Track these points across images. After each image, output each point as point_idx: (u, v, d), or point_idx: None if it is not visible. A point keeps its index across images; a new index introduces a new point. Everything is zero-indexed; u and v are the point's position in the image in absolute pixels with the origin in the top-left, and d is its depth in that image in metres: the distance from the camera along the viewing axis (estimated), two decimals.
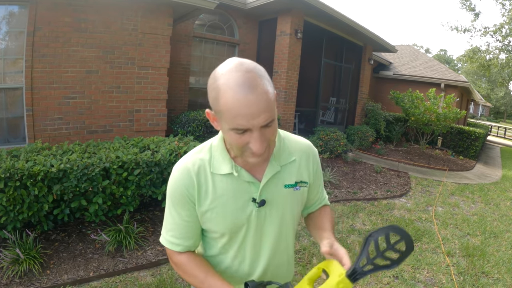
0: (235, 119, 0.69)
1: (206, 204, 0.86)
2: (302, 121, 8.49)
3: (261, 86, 0.70)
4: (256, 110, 0.69)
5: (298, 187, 0.92)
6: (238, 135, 0.73)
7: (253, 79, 0.69)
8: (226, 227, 0.88)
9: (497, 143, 16.80)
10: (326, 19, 7.10)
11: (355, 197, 4.71)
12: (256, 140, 0.72)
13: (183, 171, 0.87)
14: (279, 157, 0.90)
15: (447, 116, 8.09)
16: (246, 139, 0.73)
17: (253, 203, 0.87)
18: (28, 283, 2.22)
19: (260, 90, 0.69)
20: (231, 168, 0.85)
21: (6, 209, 2.40)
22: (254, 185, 0.87)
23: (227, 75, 0.70)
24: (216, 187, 0.86)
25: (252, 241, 0.91)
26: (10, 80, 3.71)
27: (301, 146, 0.97)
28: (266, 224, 0.90)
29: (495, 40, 13.53)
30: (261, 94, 0.69)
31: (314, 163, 0.98)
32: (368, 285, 2.63)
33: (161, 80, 4.66)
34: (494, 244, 3.65)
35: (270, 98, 0.71)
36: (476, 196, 5.62)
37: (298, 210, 0.97)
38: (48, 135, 3.88)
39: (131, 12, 4.29)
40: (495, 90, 40.90)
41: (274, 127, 0.77)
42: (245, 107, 0.68)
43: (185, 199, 0.86)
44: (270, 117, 0.72)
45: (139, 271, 2.53)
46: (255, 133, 0.72)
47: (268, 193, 0.88)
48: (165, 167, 3.05)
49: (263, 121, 0.71)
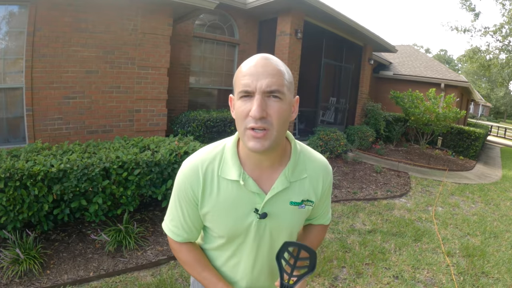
0: (243, 79, 0.74)
1: (208, 206, 0.87)
2: (302, 121, 8.50)
3: (275, 63, 0.77)
4: (263, 70, 0.74)
5: (303, 205, 0.91)
6: (243, 102, 0.75)
7: (269, 58, 0.77)
8: (225, 231, 0.89)
9: (497, 143, 16.80)
10: (326, 19, 7.10)
11: (355, 197, 4.71)
12: (255, 104, 0.73)
13: (192, 169, 0.87)
14: (292, 172, 0.88)
15: (447, 116, 8.09)
16: (249, 107, 0.74)
17: (255, 213, 0.86)
18: (28, 283, 2.22)
19: (272, 63, 0.76)
20: (239, 175, 0.84)
21: (6, 209, 2.40)
22: (259, 196, 0.86)
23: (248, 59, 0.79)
24: (221, 191, 0.86)
25: (249, 248, 0.92)
26: (10, 80, 3.71)
27: (316, 164, 0.94)
28: (265, 236, 0.90)
29: (495, 40, 13.54)
30: (272, 65, 0.76)
31: (325, 184, 0.95)
32: (368, 285, 2.63)
33: (161, 80, 4.66)
34: (494, 244, 3.65)
35: (283, 73, 0.77)
36: (476, 196, 5.62)
37: (299, 226, 0.96)
38: (48, 135, 3.88)
39: (131, 12, 4.29)
40: (495, 90, 40.88)
41: (279, 106, 0.75)
42: (254, 67, 0.75)
43: (189, 197, 0.88)
44: (274, 84, 0.74)
45: (139, 271, 2.53)
46: (257, 97, 0.73)
47: (272, 207, 0.87)
48: (165, 167, 3.05)
49: (265, 85, 0.73)
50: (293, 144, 0.91)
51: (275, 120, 0.75)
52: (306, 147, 0.97)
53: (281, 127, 0.77)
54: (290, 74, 0.80)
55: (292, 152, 0.89)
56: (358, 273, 2.77)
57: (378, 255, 3.10)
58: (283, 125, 0.78)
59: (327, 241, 3.28)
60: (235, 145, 0.88)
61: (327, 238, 3.36)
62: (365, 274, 2.78)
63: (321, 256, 2.97)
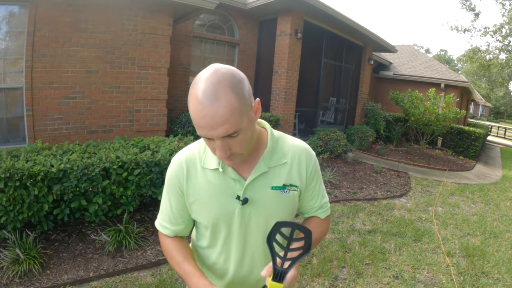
0: (198, 129, 0.74)
1: (193, 195, 0.92)
2: (302, 121, 8.50)
3: (224, 98, 0.69)
4: (213, 122, 0.70)
5: (286, 190, 0.91)
6: (208, 140, 0.78)
7: (217, 90, 0.69)
8: (209, 220, 0.92)
9: (497, 143, 16.80)
10: (326, 19, 7.10)
11: (355, 197, 4.71)
12: (218, 149, 0.76)
13: (178, 162, 0.94)
14: (270, 158, 0.90)
15: (446, 116, 8.09)
16: (213, 145, 0.78)
17: (237, 200, 0.89)
18: (28, 283, 2.22)
19: (222, 102, 0.69)
20: (218, 163, 0.88)
21: (6, 209, 2.40)
22: (239, 182, 0.89)
23: (197, 84, 0.71)
24: (204, 180, 0.90)
25: (236, 239, 0.94)
26: (10, 80, 3.71)
27: (296, 149, 0.95)
28: (251, 224, 0.92)
29: (495, 40, 13.53)
30: (222, 106, 0.69)
31: (309, 167, 0.95)
32: (368, 285, 2.63)
33: (161, 80, 4.66)
34: (494, 244, 3.65)
35: (235, 109, 0.70)
36: (476, 196, 5.62)
37: (288, 214, 0.94)
38: (48, 135, 3.88)
39: (131, 12, 4.29)
40: (495, 90, 40.88)
41: (242, 138, 0.76)
42: (203, 119, 0.70)
43: (176, 188, 0.93)
44: (231, 129, 0.72)
45: (139, 271, 2.53)
46: (217, 142, 0.75)
47: (253, 192, 0.89)
48: (165, 167, 3.04)
49: (222, 133, 0.72)
50: (269, 132, 0.93)
51: (240, 149, 0.79)
52: (286, 135, 0.99)
53: (247, 147, 0.81)
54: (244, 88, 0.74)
55: (269, 139, 0.92)
56: (358, 273, 2.77)
57: (378, 255, 3.10)
58: (249, 144, 0.82)
59: (327, 241, 3.28)
60: None
61: (327, 238, 3.36)
62: (365, 274, 2.78)
63: (321, 256, 2.97)
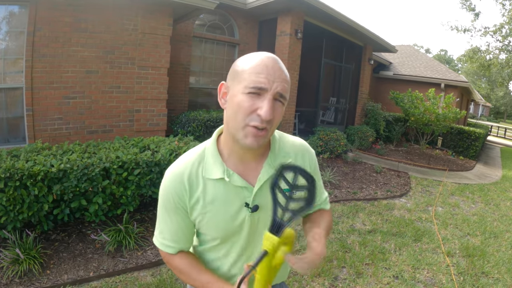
0: (258, 76, 0.72)
1: (198, 210, 0.85)
2: (302, 121, 8.50)
3: (284, 68, 0.78)
4: (277, 75, 0.74)
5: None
6: (250, 98, 0.73)
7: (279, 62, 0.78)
8: (218, 233, 0.88)
9: (497, 143, 16.79)
10: (326, 19, 7.10)
11: (355, 197, 4.71)
12: (267, 105, 0.73)
13: (175, 177, 0.85)
14: (274, 160, 0.88)
15: (446, 116, 8.09)
16: (256, 104, 0.73)
17: (246, 208, 0.85)
18: (28, 283, 2.22)
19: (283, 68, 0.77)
20: (223, 172, 0.83)
21: (6, 209, 2.40)
22: (247, 190, 0.85)
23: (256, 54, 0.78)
24: (208, 192, 0.84)
25: (245, 244, 0.91)
26: (10, 80, 3.71)
27: (296, 146, 0.95)
28: (259, 228, 0.89)
29: (495, 40, 13.53)
30: (284, 70, 0.77)
31: (311, 163, 0.96)
32: (368, 285, 2.63)
33: (161, 80, 4.66)
34: (494, 244, 3.65)
35: (288, 80, 0.78)
36: (476, 196, 5.62)
37: None
38: (48, 135, 3.88)
39: (131, 12, 4.29)
40: (495, 90, 40.89)
41: (281, 111, 0.79)
42: (272, 68, 0.74)
43: (176, 206, 0.86)
44: (285, 90, 0.76)
45: (139, 271, 2.53)
46: (269, 97, 0.73)
47: (262, 198, 0.86)
48: (165, 167, 3.04)
49: (280, 88, 0.74)
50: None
51: (275, 123, 0.78)
52: (283, 133, 0.98)
53: (276, 125, 0.80)
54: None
55: (272, 140, 0.90)
56: (358, 273, 2.77)
57: (378, 255, 3.10)
58: (277, 125, 0.81)
59: (327, 241, 3.28)
60: (214, 144, 0.87)
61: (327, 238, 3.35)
62: (365, 274, 2.78)
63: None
